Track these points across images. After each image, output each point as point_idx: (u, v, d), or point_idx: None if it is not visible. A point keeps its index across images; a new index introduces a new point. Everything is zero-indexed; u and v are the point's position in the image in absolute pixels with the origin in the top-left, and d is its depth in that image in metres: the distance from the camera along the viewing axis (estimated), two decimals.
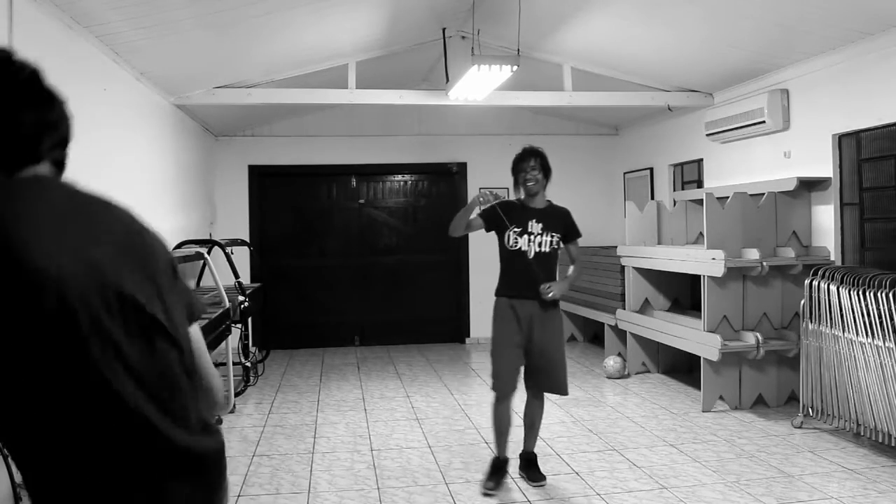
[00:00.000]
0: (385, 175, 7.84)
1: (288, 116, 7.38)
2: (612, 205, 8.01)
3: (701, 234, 5.73)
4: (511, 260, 3.52)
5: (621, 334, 6.26)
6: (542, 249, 3.48)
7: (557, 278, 3.56)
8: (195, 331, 1.22)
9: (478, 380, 6.01)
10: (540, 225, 3.49)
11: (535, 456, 3.66)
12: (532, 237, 3.48)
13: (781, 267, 4.75)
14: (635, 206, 6.09)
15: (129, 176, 4.45)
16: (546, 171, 3.56)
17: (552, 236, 3.49)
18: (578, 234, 3.63)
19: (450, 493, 3.47)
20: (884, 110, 4.16)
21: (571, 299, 7.35)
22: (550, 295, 3.40)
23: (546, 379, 3.52)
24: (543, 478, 3.56)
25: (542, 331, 3.46)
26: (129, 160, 4.45)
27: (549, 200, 3.62)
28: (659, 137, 7.04)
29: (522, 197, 3.59)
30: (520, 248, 3.48)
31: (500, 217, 3.51)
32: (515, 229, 3.48)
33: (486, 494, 3.42)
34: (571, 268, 3.64)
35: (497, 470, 3.56)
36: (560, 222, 3.55)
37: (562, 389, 3.55)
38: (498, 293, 3.58)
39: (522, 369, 3.53)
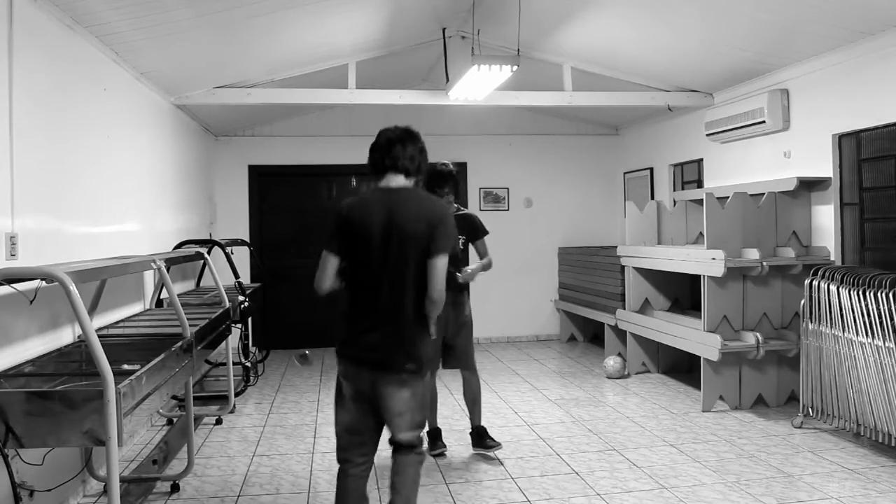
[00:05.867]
0: None
1: (288, 116, 7.38)
2: (612, 205, 8.01)
3: (701, 234, 5.73)
4: None
5: (621, 334, 6.26)
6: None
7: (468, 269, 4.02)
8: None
9: None
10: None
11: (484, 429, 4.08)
12: None
13: (781, 267, 4.75)
14: (635, 206, 6.09)
15: (130, 176, 4.45)
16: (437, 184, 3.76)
17: (459, 239, 4.00)
18: (485, 233, 4.19)
19: (450, 493, 3.47)
20: (884, 110, 4.16)
21: (571, 299, 7.35)
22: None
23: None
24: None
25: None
26: (129, 160, 4.45)
27: (457, 206, 4.08)
28: (659, 137, 7.04)
29: None
30: None
31: None
32: None
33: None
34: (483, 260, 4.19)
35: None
36: (466, 225, 4.01)
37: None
38: None
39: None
